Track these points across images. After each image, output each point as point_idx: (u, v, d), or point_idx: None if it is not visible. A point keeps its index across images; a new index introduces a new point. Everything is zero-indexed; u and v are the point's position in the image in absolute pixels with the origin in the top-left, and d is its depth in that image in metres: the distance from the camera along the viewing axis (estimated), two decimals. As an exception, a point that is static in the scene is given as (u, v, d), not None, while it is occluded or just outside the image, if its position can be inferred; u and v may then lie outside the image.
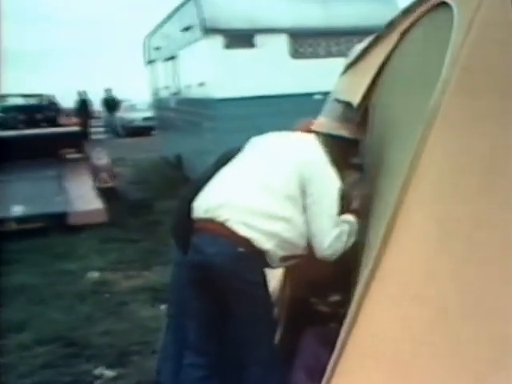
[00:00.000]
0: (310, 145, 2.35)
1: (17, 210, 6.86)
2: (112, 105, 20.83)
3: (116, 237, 6.49)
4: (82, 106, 19.50)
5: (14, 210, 6.84)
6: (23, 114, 18.61)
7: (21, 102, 20.34)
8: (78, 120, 18.55)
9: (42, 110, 19.95)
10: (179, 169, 10.21)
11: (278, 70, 7.71)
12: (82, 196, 7.30)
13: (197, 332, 2.38)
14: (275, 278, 2.57)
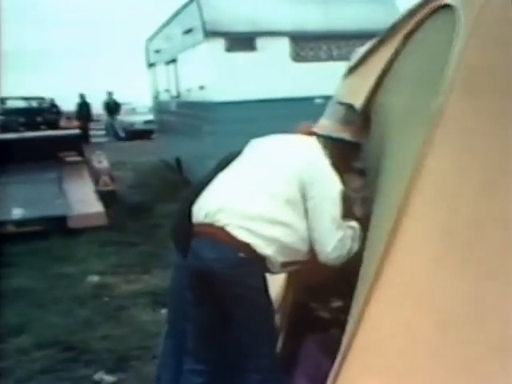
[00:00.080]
0: (311, 147, 2.32)
1: (16, 212, 6.85)
2: (113, 108, 20.87)
3: (116, 240, 6.47)
4: (83, 109, 19.54)
5: (14, 213, 6.83)
6: (24, 117, 18.65)
7: (21, 104, 20.40)
8: (78, 123, 18.59)
9: (43, 113, 20.01)
10: (179, 172, 10.19)
11: (279, 74, 7.69)
12: (82, 199, 7.28)
13: (196, 338, 2.35)
14: (277, 283, 2.54)
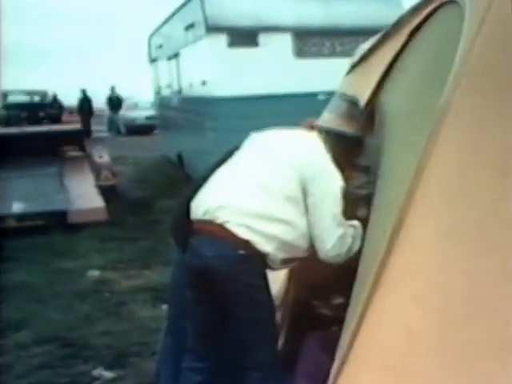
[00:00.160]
0: (312, 143, 2.28)
1: (17, 207, 6.84)
2: (116, 103, 20.84)
3: (116, 235, 6.46)
4: (84, 104, 19.52)
5: (15, 208, 6.82)
6: (26, 112, 18.67)
7: (24, 99, 20.41)
8: (80, 118, 18.60)
9: (45, 108, 20.03)
10: (181, 168, 10.18)
11: (282, 69, 7.66)
12: (83, 194, 7.27)
13: (196, 336, 2.34)
14: (279, 280, 2.52)
